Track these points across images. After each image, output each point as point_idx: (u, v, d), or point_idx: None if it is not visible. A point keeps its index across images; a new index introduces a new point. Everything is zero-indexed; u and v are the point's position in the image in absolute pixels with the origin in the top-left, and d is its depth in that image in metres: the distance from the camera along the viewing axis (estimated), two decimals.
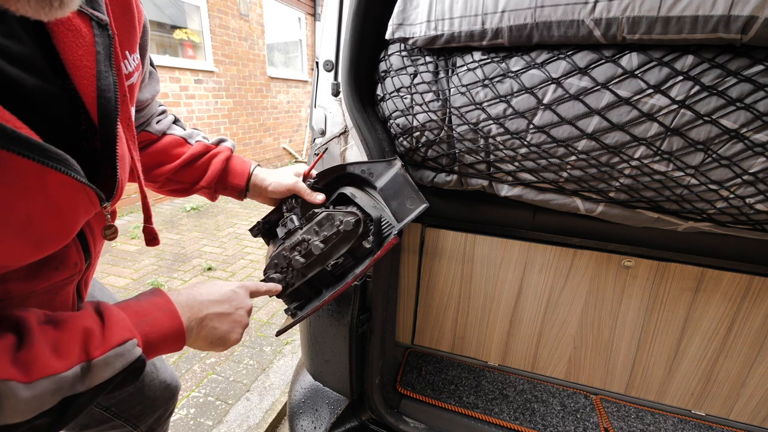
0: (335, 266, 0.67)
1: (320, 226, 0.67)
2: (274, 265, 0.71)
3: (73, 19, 0.37)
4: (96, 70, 0.39)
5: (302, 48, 7.02)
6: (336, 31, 0.84)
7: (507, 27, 0.69)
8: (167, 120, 0.76)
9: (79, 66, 0.38)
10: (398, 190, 0.66)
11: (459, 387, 1.12)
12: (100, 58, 0.40)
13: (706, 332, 0.96)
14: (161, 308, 0.49)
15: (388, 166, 0.69)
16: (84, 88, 0.39)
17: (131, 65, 0.48)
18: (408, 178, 0.66)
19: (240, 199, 0.81)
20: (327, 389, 1.05)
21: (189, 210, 3.97)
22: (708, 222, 0.74)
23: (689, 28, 0.57)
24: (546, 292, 1.05)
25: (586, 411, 1.06)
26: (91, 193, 0.41)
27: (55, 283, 0.46)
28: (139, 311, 0.47)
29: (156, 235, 0.59)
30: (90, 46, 0.38)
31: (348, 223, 0.64)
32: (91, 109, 0.40)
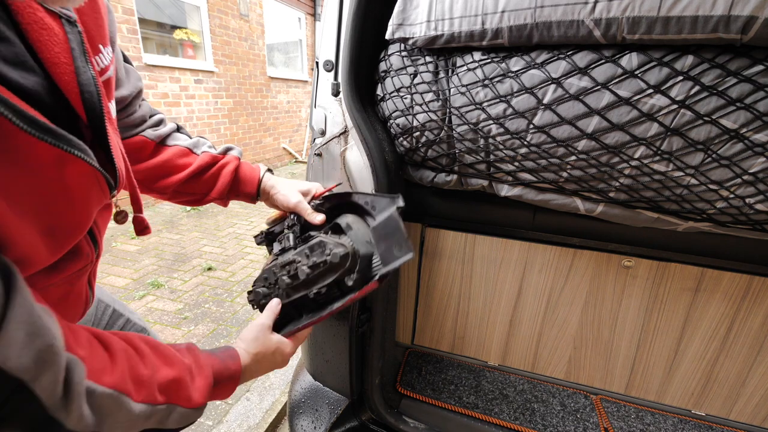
0: (317, 295, 0.66)
1: (311, 251, 0.67)
2: (263, 279, 0.72)
3: (44, 18, 0.37)
4: (74, 66, 0.39)
5: (302, 48, 7.02)
6: (336, 31, 0.84)
7: (507, 27, 0.69)
8: (167, 128, 0.75)
9: (57, 63, 0.38)
10: (390, 233, 0.64)
11: (459, 387, 1.12)
12: (76, 54, 0.40)
13: (706, 332, 0.96)
14: (231, 384, 0.55)
15: (390, 203, 0.68)
16: (66, 85, 0.39)
17: (106, 59, 0.48)
18: (400, 222, 0.64)
19: (253, 203, 0.83)
20: (327, 389, 1.05)
21: (189, 210, 3.97)
22: (708, 222, 0.74)
23: (689, 28, 0.57)
24: (546, 292, 1.05)
25: (586, 411, 1.06)
26: (102, 180, 0.43)
27: (71, 274, 0.48)
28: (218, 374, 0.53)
29: (146, 225, 0.60)
30: (64, 43, 0.39)
31: (336, 255, 0.63)
32: (76, 104, 0.40)
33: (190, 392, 0.47)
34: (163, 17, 4.31)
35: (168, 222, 3.63)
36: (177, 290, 2.44)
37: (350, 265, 0.63)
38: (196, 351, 0.53)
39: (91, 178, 0.41)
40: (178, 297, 2.36)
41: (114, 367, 0.40)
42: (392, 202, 0.67)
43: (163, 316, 2.16)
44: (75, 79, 0.40)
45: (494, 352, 1.18)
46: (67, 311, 0.53)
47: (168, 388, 0.45)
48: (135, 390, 0.41)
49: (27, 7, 0.35)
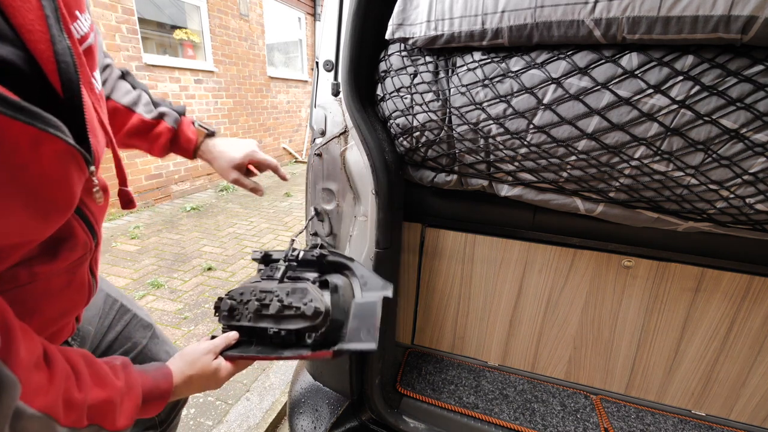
0: (276, 334, 0.66)
1: (292, 292, 0.67)
2: (238, 293, 0.71)
3: None
4: (49, 35, 0.37)
5: (302, 48, 7.02)
6: (336, 31, 0.84)
7: (507, 27, 0.69)
8: (112, 77, 0.73)
9: (32, 31, 0.36)
10: (366, 316, 0.65)
11: (459, 387, 1.12)
12: (51, 21, 0.37)
13: (706, 332, 0.96)
14: (160, 402, 0.57)
15: (381, 287, 0.69)
16: (41, 54, 0.37)
17: (84, 26, 0.45)
18: (379, 312, 0.64)
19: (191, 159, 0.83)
20: (327, 389, 1.05)
21: (189, 210, 3.97)
22: (708, 222, 0.74)
23: (689, 28, 0.57)
24: (546, 292, 1.05)
25: (586, 411, 1.06)
26: (78, 157, 0.41)
27: (72, 262, 0.49)
28: (148, 394, 0.55)
29: (132, 198, 0.59)
30: (38, 9, 0.36)
31: (310, 308, 0.63)
32: (52, 76, 0.38)
33: (116, 415, 0.49)
34: (163, 17, 4.31)
35: (168, 222, 3.63)
36: (177, 290, 2.44)
37: (318, 324, 0.63)
38: (130, 369, 0.54)
39: (67, 155, 0.39)
40: (178, 297, 2.36)
41: (50, 388, 0.40)
42: (383, 288, 0.69)
43: (163, 316, 2.16)
44: (51, 47, 0.37)
45: (494, 352, 1.18)
46: (71, 299, 0.53)
47: (96, 411, 0.46)
48: (64, 414, 0.41)
49: None
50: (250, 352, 0.67)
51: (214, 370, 0.63)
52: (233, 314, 0.70)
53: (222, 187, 4.79)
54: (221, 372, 0.65)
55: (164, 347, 0.84)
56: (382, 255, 0.88)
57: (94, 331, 0.72)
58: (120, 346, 0.76)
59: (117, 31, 3.57)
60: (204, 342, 0.66)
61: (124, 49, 3.66)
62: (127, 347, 0.77)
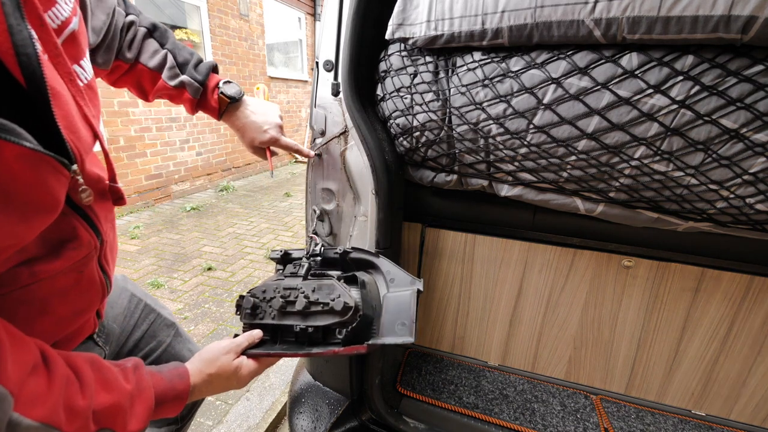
0: (302, 331, 0.65)
1: (319, 289, 0.66)
2: (261, 291, 0.71)
3: None
4: (6, 25, 0.34)
5: (302, 48, 7.02)
6: (336, 31, 0.84)
7: (507, 27, 0.69)
8: (138, 36, 0.72)
9: None
10: (401, 310, 0.65)
11: (459, 387, 1.12)
12: (8, 9, 0.34)
13: (706, 332, 0.96)
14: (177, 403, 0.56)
15: (411, 282, 0.69)
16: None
17: (64, 10, 0.42)
18: (413, 306, 0.64)
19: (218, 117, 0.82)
20: (327, 389, 1.05)
21: (189, 210, 3.97)
22: (708, 222, 0.74)
23: (689, 28, 0.57)
24: (546, 292, 1.05)
25: (586, 411, 1.06)
26: (50, 159, 0.38)
27: (77, 262, 0.48)
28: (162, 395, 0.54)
29: (121, 194, 0.57)
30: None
31: (339, 303, 0.62)
32: (14, 69, 0.35)
33: (127, 418, 0.48)
34: (163, 17, 4.31)
35: (168, 222, 3.63)
36: (177, 290, 2.44)
37: (348, 319, 0.62)
38: (142, 371, 0.53)
39: (32, 158, 0.36)
40: (178, 297, 2.36)
41: (49, 397, 0.39)
42: (412, 282, 0.69)
43: None
44: (9, 39, 0.34)
45: (494, 352, 1.18)
46: (83, 297, 0.53)
47: (104, 416, 0.45)
48: (67, 421, 0.40)
49: None
50: (275, 350, 0.67)
51: (234, 369, 0.62)
52: (256, 312, 0.69)
53: (222, 187, 4.79)
54: (243, 371, 0.63)
55: (187, 345, 0.85)
56: (382, 255, 0.88)
57: (119, 329, 0.72)
58: (146, 345, 0.77)
59: None
60: (225, 340, 0.65)
61: None
62: (152, 346, 0.78)
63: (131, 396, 0.49)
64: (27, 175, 0.36)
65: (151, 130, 4.07)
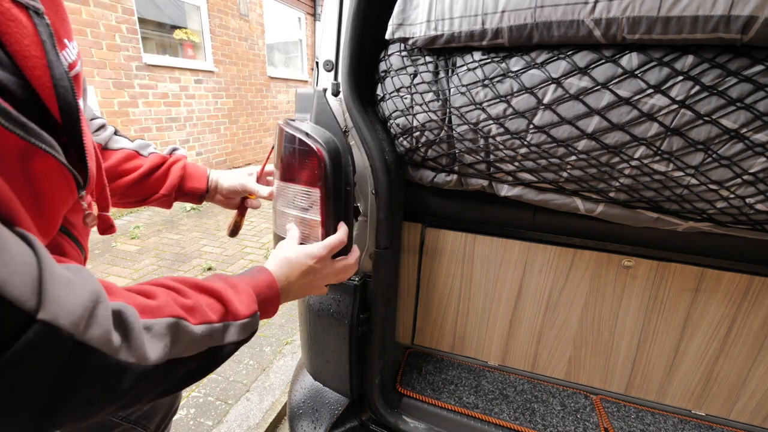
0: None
1: None
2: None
3: (11, 9, 0.35)
4: (46, 60, 0.37)
5: (302, 48, 7.03)
6: (336, 31, 0.84)
7: (507, 27, 0.69)
8: (107, 132, 0.76)
9: (28, 57, 0.36)
10: None
11: (459, 387, 1.12)
12: (47, 47, 0.38)
13: (706, 332, 0.96)
14: (269, 287, 0.57)
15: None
16: (38, 80, 0.37)
17: (72, 53, 0.46)
18: None
19: (199, 203, 0.86)
20: (327, 389, 1.05)
21: (189, 210, 3.97)
22: (708, 222, 0.74)
23: (689, 28, 0.57)
24: (546, 292, 1.05)
25: (586, 411, 1.06)
26: (69, 178, 0.41)
27: None
28: (256, 288, 0.55)
29: (111, 224, 0.60)
30: (34, 36, 0.37)
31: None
32: (49, 101, 0.38)
33: (235, 306, 0.50)
34: (163, 17, 4.31)
35: (168, 222, 3.63)
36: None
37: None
38: (224, 275, 0.55)
39: (58, 175, 0.40)
40: None
41: (160, 303, 0.42)
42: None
43: None
44: (48, 73, 0.37)
45: (494, 352, 1.18)
46: None
47: (217, 309, 0.48)
48: (188, 315, 0.43)
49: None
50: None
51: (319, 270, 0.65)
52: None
53: None
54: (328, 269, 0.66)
55: None
56: (382, 255, 0.88)
57: None
58: None
59: (117, 31, 3.57)
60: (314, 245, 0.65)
61: (124, 49, 3.66)
62: None
63: (226, 290, 0.50)
64: (44, 189, 0.39)
65: (151, 130, 4.07)
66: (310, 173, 0.66)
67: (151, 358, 0.38)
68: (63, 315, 0.30)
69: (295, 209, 0.70)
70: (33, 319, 0.29)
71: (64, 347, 0.31)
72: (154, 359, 0.38)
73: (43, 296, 0.29)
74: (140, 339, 0.37)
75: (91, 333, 0.32)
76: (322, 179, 0.65)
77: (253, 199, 0.92)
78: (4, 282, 0.27)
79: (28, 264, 0.30)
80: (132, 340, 0.36)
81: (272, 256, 0.64)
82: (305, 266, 0.62)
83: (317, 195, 0.66)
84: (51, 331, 0.29)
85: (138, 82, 3.83)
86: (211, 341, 0.45)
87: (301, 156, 0.65)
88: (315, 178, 0.65)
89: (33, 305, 0.29)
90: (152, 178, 0.78)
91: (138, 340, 0.36)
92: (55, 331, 0.30)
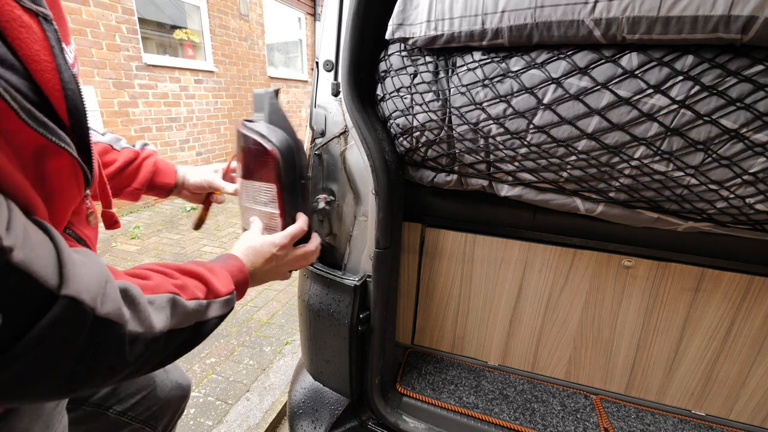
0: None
1: None
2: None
3: (22, 16, 0.36)
4: (55, 64, 0.39)
5: (302, 48, 7.02)
6: (336, 31, 0.84)
7: (507, 27, 0.69)
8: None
9: (38, 61, 0.38)
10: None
11: (459, 387, 1.12)
12: (56, 51, 0.39)
13: (706, 332, 0.96)
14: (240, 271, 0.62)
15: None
16: (47, 83, 0.38)
17: (71, 56, 0.47)
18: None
19: (165, 197, 0.89)
20: (327, 389, 1.05)
21: (189, 210, 3.97)
22: (708, 222, 0.74)
23: (689, 28, 0.57)
24: (546, 292, 1.05)
25: (586, 411, 1.06)
26: (80, 175, 0.44)
27: None
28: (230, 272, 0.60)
29: (116, 219, 0.63)
30: (44, 41, 0.38)
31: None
32: (57, 103, 0.40)
33: (216, 286, 0.54)
34: (163, 17, 4.31)
35: (168, 222, 3.63)
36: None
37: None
38: (198, 261, 0.59)
39: (70, 171, 0.42)
40: None
41: (156, 282, 0.46)
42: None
43: None
44: (57, 77, 0.39)
45: (494, 352, 1.18)
46: None
47: (200, 288, 0.52)
48: (180, 291, 0.48)
49: (5, 4, 0.35)
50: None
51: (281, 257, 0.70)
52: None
53: None
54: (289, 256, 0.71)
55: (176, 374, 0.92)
56: (382, 255, 0.88)
57: None
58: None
59: (117, 31, 3.57)
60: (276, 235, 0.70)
61: (124, 49, 3.66)
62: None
63: (206, 273, 0.55)
64: (55, 184, 0.41)
65: (151, 130, 4.07)
66: (267, 171, 0.70)
67: (157, 327, 0.42)
68: (84, 291, 0.34)
69: (257, 204, 0.75)
70: (56, 295, 0.32)
71: (86, 320, 0.34)
72: (159, 328, 0.42)
73: (65, 275, 0.33)
74: (147, 311, 0.41)
75: (108, 307, 0.36)
76: (277, 176, 0.69)
77: (218, 194, 0.93)
78: (31, 262, 0.30)
79: (48, 247, 0.33)
80: (140, 312, 0.40)
81: (237, 245, 0.68)
82: (269, 254, 0.67)
83: (274, 190, 0.71)
84: (76, 305, 0.33)
85: (138, 82, 3.83)
86: (198, 316, 0.50)
87: (257, 156, 0.70)
88: (271, 175, 0.70)
89: (55, 283, 0.32)
90: (126, 173, 0.80)
91: (145, 312, 0.41)
92: (80, 305, 0.33)
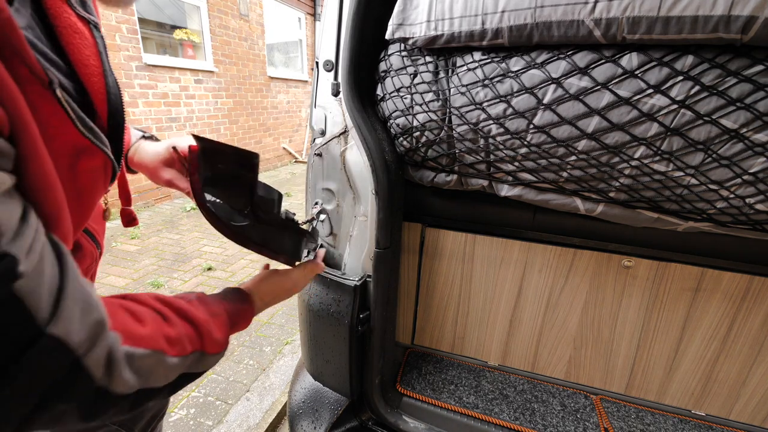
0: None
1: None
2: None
3: (77, 23, 0.40)
4: (102, 69, 0.42)
5: (302, 48, 7.02)
6: (336, 31, 0.84)
7: (507, 27, 0.69)
8: None
9: (87, 65, 0.40)
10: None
11: (459, 387, 1.12)
12: (103, 57, 0.42)
13: (706, 332, 0.96)
14: (247, 317, 0.59)
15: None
16: (93, 86, 0.41)
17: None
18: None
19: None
20: (327, 389, 1.05)
21: (189, 210, 3.97)
22: (708, 222, 0.74)
23: (689, 28, 0.57)
24: (546, 292, 1.05)
25: (586, 411, 1.06)
26: (108, 172, 0.45)
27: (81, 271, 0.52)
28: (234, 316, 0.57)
29: (134, 216, 0.64)
30: (93, 47, 0.41)
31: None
32: (100, 105, 0.42)
33: (214, 336, 0.52)
34: (163, 17, 4.31)
35: (168, 222, 3.63)
36: (177, 290, 2.44)
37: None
38: (207, 300, 0.56)
39: (101, 170, 0.44)
40: None
41: (147, 330, 0.43)
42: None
43: None
44: (102, 81, 0.42)
45: (494, 352, 1.18)
46: None
47: (194, 341, 0.49)
48: (169, 347, 0.45)
49: (63, 12, 0.38)
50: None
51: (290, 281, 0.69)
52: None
53: None
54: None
55: None
56: (382, 255, 0.88)
57: None
58: None
59: (117, 31, 3.57)
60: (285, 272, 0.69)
61: (124, 49, 3.66)
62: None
63: (208, 322, 0.52)
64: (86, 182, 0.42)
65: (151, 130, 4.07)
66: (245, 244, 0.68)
67: (126, 386, 0.38)
68: (73, 333, 0.31)
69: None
70: (41, 331, 0.29)
71: (64, 364, 0.31)
72: (127, 390, 0.39)
73: (59, 311, 0.30)
74: (120, 368, 0.37)
75: (90, 355, 0.33)
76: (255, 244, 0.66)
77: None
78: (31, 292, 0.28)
79: (52, 276, 0.30)
80: (113, 370, 0.37)
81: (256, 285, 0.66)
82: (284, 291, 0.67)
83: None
84: (60, 346, 0.30)
85: (138, 82, 3.83)
86: (181, 369, 0.47)
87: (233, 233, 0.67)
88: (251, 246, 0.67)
89: (45, 317, 0.29)
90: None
91: (118, 369, 0.37)
92: (63, 347, 0.30)
